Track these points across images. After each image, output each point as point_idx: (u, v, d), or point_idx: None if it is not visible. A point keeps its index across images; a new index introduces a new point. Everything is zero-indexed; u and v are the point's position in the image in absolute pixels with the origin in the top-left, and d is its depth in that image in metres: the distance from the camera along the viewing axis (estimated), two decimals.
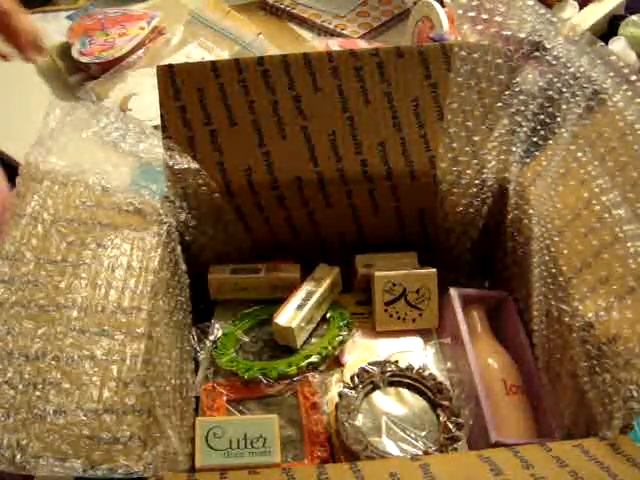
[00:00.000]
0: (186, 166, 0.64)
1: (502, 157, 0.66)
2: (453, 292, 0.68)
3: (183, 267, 0.67)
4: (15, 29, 0.73)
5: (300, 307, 0.66)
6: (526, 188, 0.65)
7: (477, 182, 0.67)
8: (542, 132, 0.65)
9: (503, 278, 0.72)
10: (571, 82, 0.62)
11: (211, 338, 0.69)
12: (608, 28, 1.05)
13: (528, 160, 0.66)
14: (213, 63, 0.65)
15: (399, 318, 0.68)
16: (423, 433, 0.58)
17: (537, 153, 0.66)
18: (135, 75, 1.05)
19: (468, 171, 0.66)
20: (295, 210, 0.68)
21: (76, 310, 0.53)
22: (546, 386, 0.61)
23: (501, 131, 0.65)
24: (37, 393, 0.48)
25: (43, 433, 0.46)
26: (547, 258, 0.60)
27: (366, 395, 0.61)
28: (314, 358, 0.63)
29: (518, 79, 0.65)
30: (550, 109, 0.64)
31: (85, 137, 0.63)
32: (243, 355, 0.67)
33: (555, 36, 0.63)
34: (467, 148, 0.65)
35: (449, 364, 0.65)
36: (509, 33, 0.64)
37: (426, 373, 0.62)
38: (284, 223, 0.70)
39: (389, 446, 0.57)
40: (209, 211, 0.67)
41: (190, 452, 0.56)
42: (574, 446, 0.49)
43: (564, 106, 0.63)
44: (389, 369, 0.62)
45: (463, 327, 0.65)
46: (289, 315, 0.66)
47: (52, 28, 1.14)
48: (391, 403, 0.60)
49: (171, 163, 0.64)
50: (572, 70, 0.62)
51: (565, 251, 0.58)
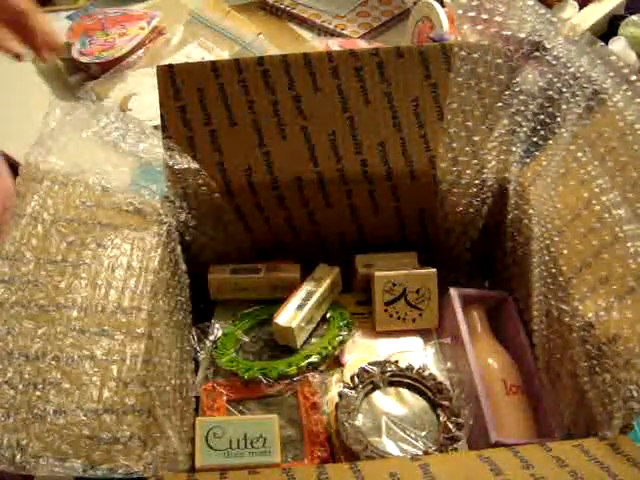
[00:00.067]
0: (186, 166, 0.64)
1: (502, 157, 0.66)
2: (453, 292, 0.68)
3: (183, 267, 0.67)
4: (32, 29, 0.72)
5: (300, 307, 0.66)
6: (526, 188, 0.65)
7: (477, 182, 0.67)
8: (542, 132, 0.65)
9: (503, 278, 0.72)
10: (571, 82, 0.62)
11: (211, 338, 0.69)
12: (608, 28, 1.05)
13: (528, 160, 0.66)
14: (213, 63, 0.65)
15: (399, 318, 0.68)
16: (423, 433, 0.58)
17: (537, 153, 0.66)
18: (135, 75, 1.05)
19: (468, 171, 0.66)
20: (295, 210, 0.68)
21: (76, 310, 0.53)
22: (546, 386, 0.61)
23: (501, 131, 0.65)
24: (37, 393, 0.48)
25: (43, 433, 0.46)
26: (547, 258, 0.60)
27: (366, 395, 0.61)
28: (314, 358, 0.63)
29: (518, 79, 0.65)
30: (550, 109, 0.64)
31: (85, 137, 0.63)
32: (243, 355, 0.67)
33: (555, 36, 0.63)
34: (467, 148, 0.65)
35: (449, 364, 0.65)
36: (509, 33, 0.64)
37: (426, 373, 0.62)
38: (284, 223, 0.70)
39: (389, 446, 0.57)
40: (209, 211, 0.67)
41: (190, 452, 0.56)
42: (574, 446, 0.49)
43: (564, 106, 0.63)
44: (389, 369, 0.62)
45: (463, 327, 0.65)
46: (289, 315, 0.66)
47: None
48: (391, 403, 0.60)
49: (171, 163, 0.64)
50: (572, 70, 0.62)
51: (565, 251, 0.58)
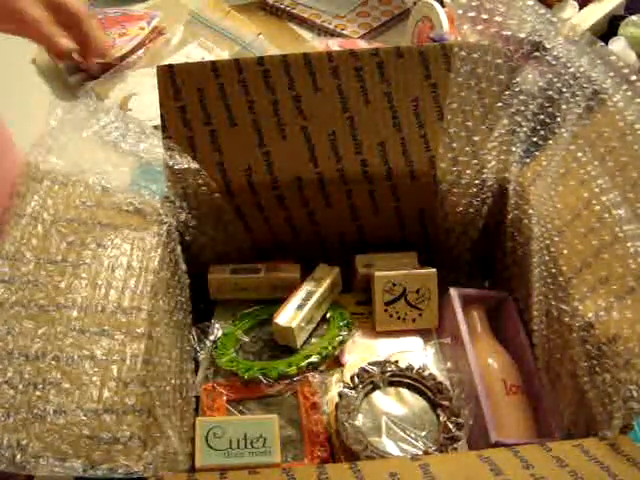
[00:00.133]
0: (186, 166, 0.64)
1: (502, 157, 0.66)
2: (453, 292, 0.68)
3: (183, 267, 0.67)
4: (86, 32, 0.72)
5: (300, 307, 0.66)
6: (526, 188, 0.65)
7: (477, 182, 0.67)
8: (542, 132, 0.65)
9: (503, 278, 0.72)
10: (571, 82, 0.62)
11: (211, 338, 0.69)
12: (608, 28, 1.05)
13: (528, 160, 0.66)
14: (213, 63, 0.65)
15: (399, 318, 0.68)
16: (423, 433, 0.58)
17: (537, 153, 0.66)
18: (135, 75, 1.05)
19: (468, 171, 0.66)
20: (295, 210, 0.68)
21: (76, 310, 0.53)
22: (546, 386, 0.61)
23: (501, 131, 0.65)
24: (37, 393, 0.48)
25: (43, 433, 0.46)
26: (547, 258, 0.60)
27: (366, 395, 0.61)
28: (314, 358, 0.63)
29: (518, 79, 0.65)
30: (550, 109, 0.64)
31: (85, 137, 0.63)
32: (243, 355, 0.67)
33: (555, 36, 0.63)
34: (467, 148, 0.65)
35: (449, 364, 0.65)
36: (509, 33, 0.64)
37: (426, 373, 0.62)
38: (284, 223, 0.69)
39: (389, 446, 0.57)
40: (209, 211, 0.67)
41: (190, 452, 0.56)
42: (574, 446, 0.49)
43: (564, 106, 0.63)
44: (389, 369, 0.62)
45: (463, 327, 0.65)
46: (289, 315, 0.66)
47: None
48: (391, 403, 0.60)
49: (171, 163, 0.64)
50: (572, 70, 0.62)
51: (565, 251, 0.58)
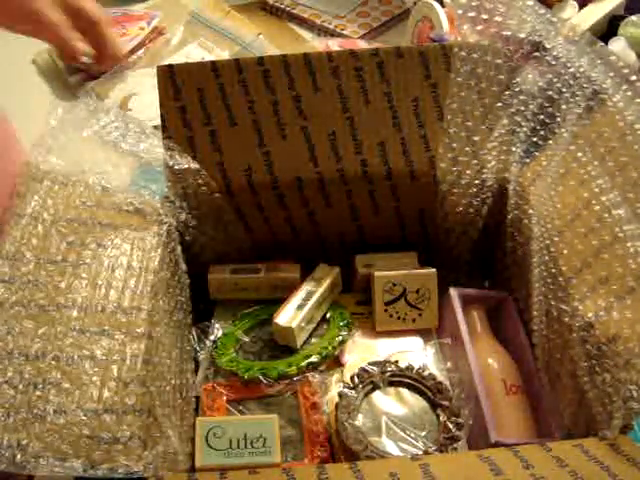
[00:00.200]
0: (186, 166, 0.64)
1: (502, 157, 0.66)
2: (453, 292, 0.68)
3: (183, 267, 0.67)
4: (103, 39, 0.72)
5: (300, 307, 0.66)
6: (526, 188, 0.65)
7: (477, 182, 0.67)
8: (542, 132, 0.65)
9: (503, 278, 0.72)
10: (571, 82, 0.62)
11: (211, 338, 0.69)
12: (608, 28, 1.05)
13: (528, 160, 0.66)
14: (213, 63, 0.65)
15: (399, 318, 0.68)
16: (423, 433, 0.58)
17: (537, 153, 0.66)
18: (135, 75, 1.05)
19: (468, 171, 0.66)
20: (295, 210, 0.68)
21: (76, 310, 0.53)
22: (546, 386, 0.61)
23: (501, 131, 0.65)
24: (37, 393, 0.48)
25: (43, 433, 0.46)
26: (547, 258, 0.60)
27: (366, 395, 0.61)
28: (314, 358, 0.63)
29: (518, 79, 0.65)
30: (550, 109, 0.64)
31: (85, 136, 0.63)
32: (243, 355, 0.67)
33: (555, 36, 0.63)
34: (467, 148, 0.65)
35: (449, 364, 0.65)
36: (509, 33, 0.64)
37: (426, 373, 0.62)
38: (284, 223, 0.69)
39: (389, 446, 0.57)
40: (209, 211, 0.67)
41: (190, 452, 0.56)
42: (574, 446, 0.49)
43: (564, 106, 0.63)
44: (389, 369, 0.62)
45: (463, 327, 0.65)
46: (289, 315, 0.66)
47: None
48: (391, 403, 0.60)
49: (171, 163, 0.64)
50: (572, 70, 0.62)
51: (565, 251, 0.58)
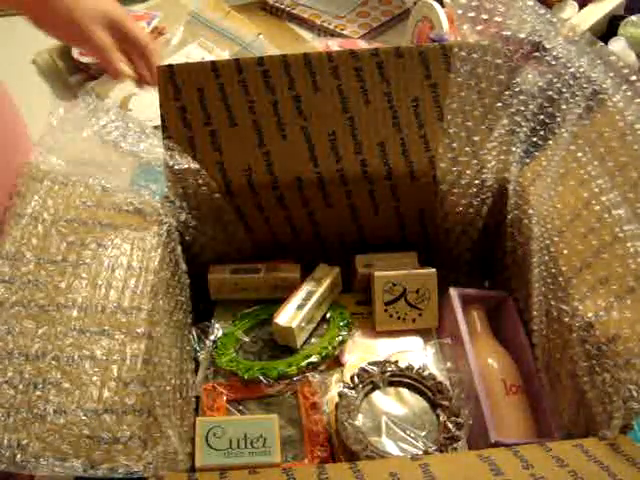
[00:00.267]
0: (186, 166, 0.64)
1: (502, 157, 0.66)
2: (453, 292, 0.68)
3: (183, 267, 0.67)
4: (148, 60, 0.70)
5: (300, 307, 0.66)
6: (526, 188, 0.65)
7: (477, 182, 0.67)
8: (542, 132, 0.65)
9: (503, 278, 0.72)
10: (571, 82, 0.62)
11: (211, 338, 0.69)
12: (608, 28, 1.05)
13: (528, 160, 0.66)
14: (213, 63, 0.65)
15: (399, 318, 0.68)
16: (423, 433, 0.58)
17: (537, 153, 0.66)
18: None
19: (468, 171, 0.66)
20: (295, 210, 0.68)
21: (76, 310, 0.53)
22: (546, 386, 0.61)
23: (501, 131, 0.65)
24: (37, 393, 0.48)
25: (43, 433, 0.46)
26: (547, 258, 0.60)
27: (366, 395, 0.61)
28: (314, 358, 0.63)
29: (518, 79, 0.65)
30: (550, 109, 0.64)
31: (85, 136, 0.63)
32: (243, 355, 0.67)
33: (555, 36, 0.63)
34: (467, 148, 0.65)
35: (449, 364, 0.65)
36: (509, 33, 0.64)
37: (426, 373, 0.62)
38: (284, 223, 0.69)
39: (389, 446, 0.57)
40: (209, 211, 0.67)
41: (190, 452, 0.56)
42: (574, 446, 0.49)
43: (564, 106, 0.63)
44: (389, 369, 0.62)
45: (463, 327, 0.65)
46: (289, 315, 0.66)
47: None
48: (391, 403, 0.60)
49: (171, 163, 0.64)
50: (572, 70, 0.62)
51: (565, 251, 0.58)
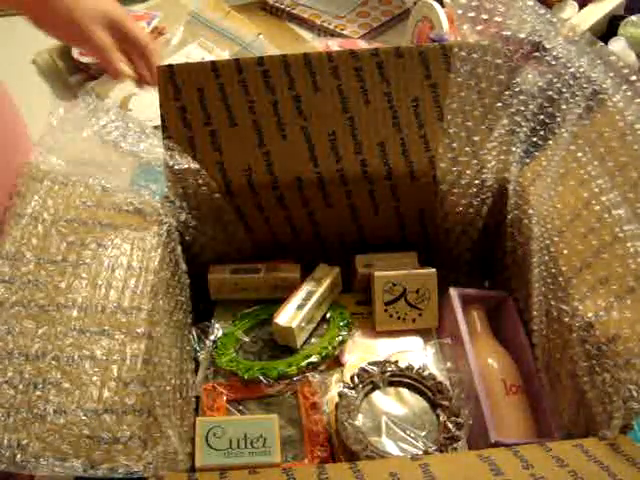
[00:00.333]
0: (186, 166, 0.64)
1: (502, 157, 0.66)
2: (453, 292, 0.68)
3: (183, 267, 0.67)
4: (148, 60, 0.70)
5: (300, 307, 0.66)
6: (526, 188, 0.65)
7: (477, 182, 0.67)
8: (542, 132, 0.65)
9: (503, 278, 0.72)
10: (571, 82, 0.62)
11: (211, 338, 0.69)
12: (608, 28, 1.05)
13: (528, 160, 0.66)
14: (213, 63, 0.65)
15: (399, 318, 0.68)
16: (423, 433, 0.58)
17: (537, 153, 0.66)
18: None
19: (468, 171, 0.66)
20: (295, 210, 0.68)
21: (76, 310, 0.53)
22: (546, 386, 0.61)
23: (501, 131, 0.65)
24: (37, 393, 0.48)
25: (43, 433, 0.46)
26: (547, 258, 0.60)
27: (366, 395, 0.61)
28: (314, 358, 0.63)
29: (518, 79, 0.65)
30: (550, 109, 0.64)
31: (85, 136, 0.63)
32: (243, 355, 0.67)
33: (555, 36, 0.63)
34: (467, 148, 0.65)
35: (449, 364, 0.65)
36: (509, 33, 0.64)
37: (426, 373, 0.62)
38: (284, 223, 0.69)
39: (389, 446, 0.57)
40: (209, 211, 0.67)
41: (190, 452, 0.56)
42: (574, 446, 0.49)
43: (564, 106, 0.63)
44: (389, 369, 0.62)
45: (463, 327, 0.65)
46: (289, 315, 0.66)
47: None
48: (391, 403, 0.60)
49: (171, 163, 0.64)
50: (572, 70, 0.62)
51: (565, 251, 0.58)
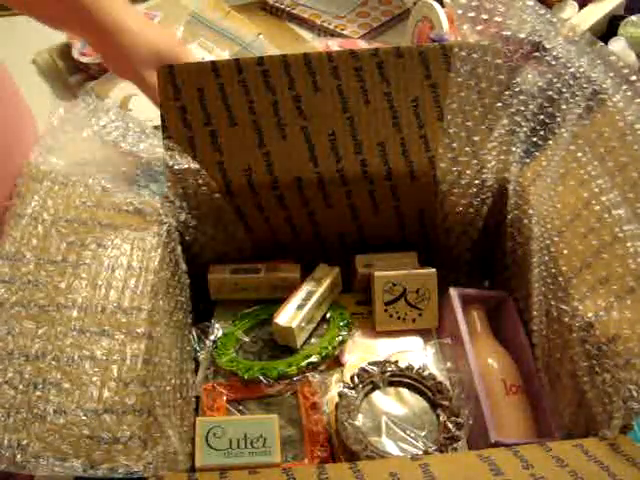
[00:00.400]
0: (186, 166, 0.64)
1: (502, 157, 0.66)
2: (453, 292, 0.68)
3: (183, 267, 0.67)
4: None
5: (300, 307, 0.66)
6: (526, 188, 0.65)
7: (477, 182, 0.67)
8: (542, 132, 0.65)
9: (503, 278, 0.72)
10: (571, 82, 0.62)
11: (211, 338, 0.69)
12: (608, 28, 1.05)
13: (528, 160, 0.66)
14: (213, 63, 0.65)
15: (399, 318, 0.68)
16: (423, 433, 0.58)
17: (537, 153, 0.66)
18: None
19: (468, 171, 0.66)
20: (295, 210, 0.68)
21: (76, 310, 0.53)
22: (546, 386, 0.61)
23: (501, 131, 0.65)
24: (37, 393, 0.48)
25: (43, 433, 0.46)
26: (547, 258, 0.60)
27: (366, 395, 0.61)
28: (314, 358, 0.63)
29: (518, 79, 0.65)
30: (550, 109, 0.64)
31: (85, 136, 0.63)
32: (243, 355, 0.67)
33: (555, 36, 0.63)
34: (467, 148, 0.65)
35: (449, 364, 0.65)
36: (509, 33, 0.64)
37: (426, 373, 0.62)
38: (284, 223, 0.70)
39: (389, 446, 0.57)
40: (209, 211, 0.67)
41: (190, 452, 0.56)
42: (574, 446, 0.49)
43: (564, 106, 0.63)
44: (389, 369, 0.62)
45: (463, 327, 0.65)
46: (289, 315, 0.66)
47: None
48: (391, 403, 0.60)
49: (171, 163, 0.64)
50: (572, 70, 0.62)
51: (565, 251, 0.58)
